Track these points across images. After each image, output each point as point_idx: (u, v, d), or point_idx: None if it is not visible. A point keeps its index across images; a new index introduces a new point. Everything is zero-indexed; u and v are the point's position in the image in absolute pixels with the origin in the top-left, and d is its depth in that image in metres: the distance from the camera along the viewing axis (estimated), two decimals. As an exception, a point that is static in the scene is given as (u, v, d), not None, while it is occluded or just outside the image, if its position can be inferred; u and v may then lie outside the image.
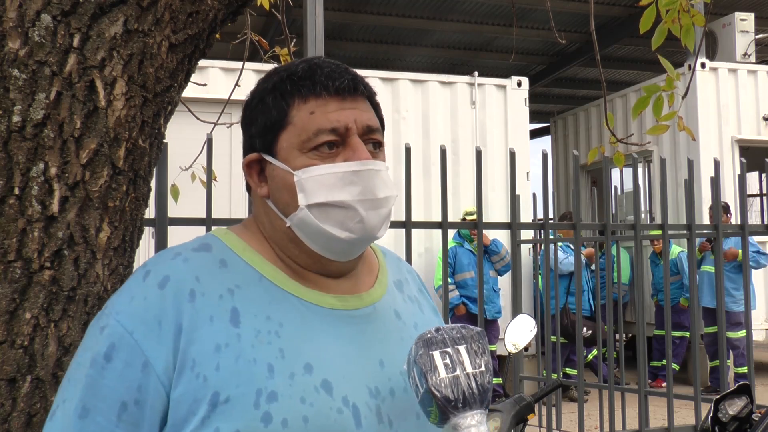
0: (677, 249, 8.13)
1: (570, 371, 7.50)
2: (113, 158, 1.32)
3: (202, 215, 3.30)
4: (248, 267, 1.04)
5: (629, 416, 4.94)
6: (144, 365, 0.94)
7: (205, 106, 4.77)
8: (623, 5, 10.20)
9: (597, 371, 6.29)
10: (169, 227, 3.23)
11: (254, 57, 4.74)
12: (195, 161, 3.55)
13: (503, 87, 8.12)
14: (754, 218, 13.14)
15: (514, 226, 3.98)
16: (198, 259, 1.03)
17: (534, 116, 14.09)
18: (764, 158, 4.83)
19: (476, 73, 8.09)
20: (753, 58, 9.13)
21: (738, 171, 4.94)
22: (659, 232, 4.53)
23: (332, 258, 1.06)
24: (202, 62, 2.73)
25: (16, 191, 1.25)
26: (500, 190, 7.84)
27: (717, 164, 4.44)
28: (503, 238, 7.30)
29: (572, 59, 12.22)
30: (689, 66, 8.03)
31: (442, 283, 3.72)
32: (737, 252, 7.36)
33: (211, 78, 6.86)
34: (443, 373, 0.92)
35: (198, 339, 0.95)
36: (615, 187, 6.67)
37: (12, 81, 1.24)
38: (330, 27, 10.02)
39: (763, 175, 12.42)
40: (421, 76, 7.98)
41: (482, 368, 0.94)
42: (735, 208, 7.92)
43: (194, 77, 1.73)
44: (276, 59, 3.52)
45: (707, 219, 7.68)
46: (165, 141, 1.69)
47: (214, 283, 1.00)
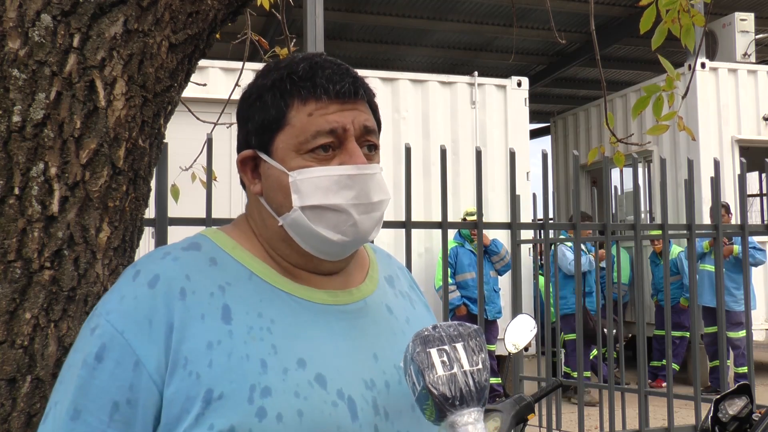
0: (677, 249, 8.13)
1: (568, 371, 7.50)
2: (113, 158, 1.32)
3: (202, 215, 3.30)
4: (238, 264, 1.04)
5: (629, 416, 4.94)
6: (135, 364, 0.94)
7: (205, 106, 4.77)
8: (623, 5, 10.20)
9: (597, 371, 6.28)
10: (169, 227, 3.23)
11: (254, 57, 4.74)
12: (195, 161, 3.55)
13: (503, 87, 8.11)
14: (754, 218, 13.14)
15: (514, 226, 3.98)
16: (188, 258, 1.03)
17: (534, 116, 14.09)
18: (764, 158, 4.83)
19: (476, 73, 8.09)
20: (753, 58, 9.13)
21: (738, 171, 4.94)
22: (659, 232, 4.53)
23: (324, 258, 1.06)
24: (202, 62, 2.73)
25: (16, 191, 1.25)
26: (500, 190, 7.84)
27: (717, 164, 4.44)
28: (503, 238, 7.30)
29: (572, 59, 12.22)
30: (689, 66, 8.03)
31: (443, 284, 3.72)
32: (731, 248, 7.37)
33: (211, 78, 6.86)
34: (440, 371, 0.92)
35: (190, 337, 0.95)
36: (615, 187, 6.67)
37: (12, 81, 1.24)
38: (330, 27, 10.02)
39: (763, 175, 12.42)
40: (421, 76, 7.98)
41: (479, 366, 0.93)
42: (735, 208, 7.91)
43: (194, 77, 1.73)
44: (276, 59, 3.51)
45: (707, 219, 7.68)
46: (165, 141, 1.69)
47: (205, 281, 1.00)
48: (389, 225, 3.54)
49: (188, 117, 3.29)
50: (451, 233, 6.89)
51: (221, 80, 6.91)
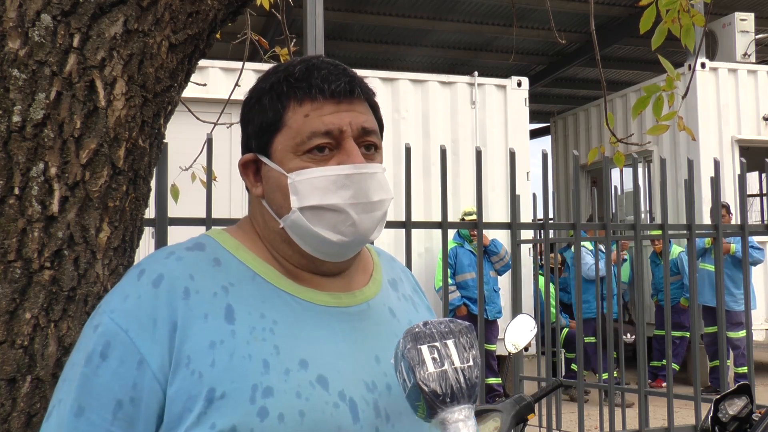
0: (677, 249, 8.13)
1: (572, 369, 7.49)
2: (113, 158, 1.32)
3: (202, 215, 3.31)
4: (242, 265, 1.05)
5: (629, 416, 4.95)
6: (139, 363, 0.94)
7: (205, 106, 4.76)
8: (623, 5, 10.21)
9: (597, 371, 6.28)
10: (169, 227, 3.23)
11: (254, 57, 4.74)
12: (195, 161, 3.55)
13: (503, 87, 8.11)
14: (754, 218, 13.14)
15: (514, 226, 3.98)
16: (191, 258, 1.03)
17: (534, 116, 14.09)
18: (764, 158, 4.83)
19: (476, 73, 8.09)
20: (753, 58, 9.13)
21: (738, 171, 4.94)
22: (659, 232, 4.53)
23: (325, 259, 1.06)
24: (202, 62, 2.73)
25: (16, 191, 1.25)
26: (500, 190, 7.84)
27: (717, 164, 4.44)
28: (503, 238, 7.30)
29: (572, 59, 12.22)
30: (689, 66, 8.03)
31: (443, 284, 3.72)
32: (729, 246, 7.37)
33: (211, 78, 6.86)
34: (431, 368, 0.91)
35: (192, 336, 0.96)
36: (615, 187, 6.66)
37: (12, 81, 1.24)
38: (330, 27, 10.02)
39: (763, 175, 12.42)
40: (421, 76, 7.98)
41: (470, 363, 0.93)
42: (735, 208, 7.91)
43: (194, 77, 1.73)
44: (276, 59, 3.52)
45: (707, 219, 7.67)
46: (165, 141, 1.69)
47: (208, 281, 1.01)
48: (389, 225, 3.54)
49: (188, 117, 3.29)
50: (451, 233, 6.88)
51: (221, 80, 6.91)
